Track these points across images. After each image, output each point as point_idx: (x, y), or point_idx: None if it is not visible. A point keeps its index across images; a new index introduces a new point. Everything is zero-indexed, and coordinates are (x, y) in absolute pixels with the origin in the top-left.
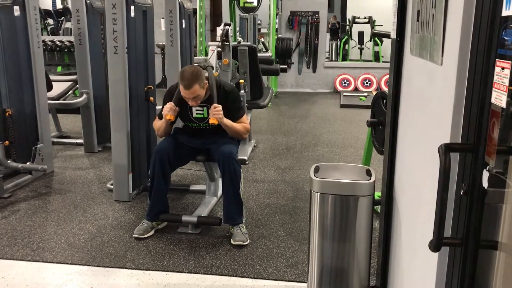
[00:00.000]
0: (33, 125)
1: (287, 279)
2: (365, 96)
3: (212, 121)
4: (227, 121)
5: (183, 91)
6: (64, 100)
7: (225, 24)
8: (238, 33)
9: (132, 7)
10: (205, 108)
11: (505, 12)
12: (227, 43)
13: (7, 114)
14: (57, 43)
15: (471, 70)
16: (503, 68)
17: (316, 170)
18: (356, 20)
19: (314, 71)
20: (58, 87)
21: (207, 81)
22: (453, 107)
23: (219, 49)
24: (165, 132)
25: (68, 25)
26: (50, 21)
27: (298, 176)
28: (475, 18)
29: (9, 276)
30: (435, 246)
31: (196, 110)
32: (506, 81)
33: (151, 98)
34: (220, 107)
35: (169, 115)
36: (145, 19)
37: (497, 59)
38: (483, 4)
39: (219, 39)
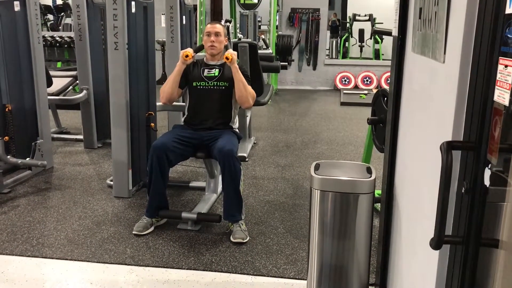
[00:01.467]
0: (33, 120)
1: (286, 276)
2: (365, 94)
3: (227, 55)
4: (239, 71)
5: (207, 27)
6: (64, 96)
7: (226, 21)
8: (238, 30)
9: (133, 3)
10: (217, 70)
11: (508, 10)
12: (228, 39)
13: (7, 109)
14: (57, 38)
15: (473, 68)
16: (506, 66)
17: (317, 167)
18: (357, 17)
19: (314, 69)
20: (58, 83)
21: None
22: (455, 105)
23: None
24: (171, 89)
25: (68, 20)
26: (50, 16)
27: (298, 174)
28: (478, 16)
29: (9, 272)
30: (436, 244)
31: (208, 70)
32: (509, 79)
33: (152, 124)
34: (235, 53)
35: (187, 52)
36: (145, 15)
37: (500, 57)
38: (486, 2)
39: None
